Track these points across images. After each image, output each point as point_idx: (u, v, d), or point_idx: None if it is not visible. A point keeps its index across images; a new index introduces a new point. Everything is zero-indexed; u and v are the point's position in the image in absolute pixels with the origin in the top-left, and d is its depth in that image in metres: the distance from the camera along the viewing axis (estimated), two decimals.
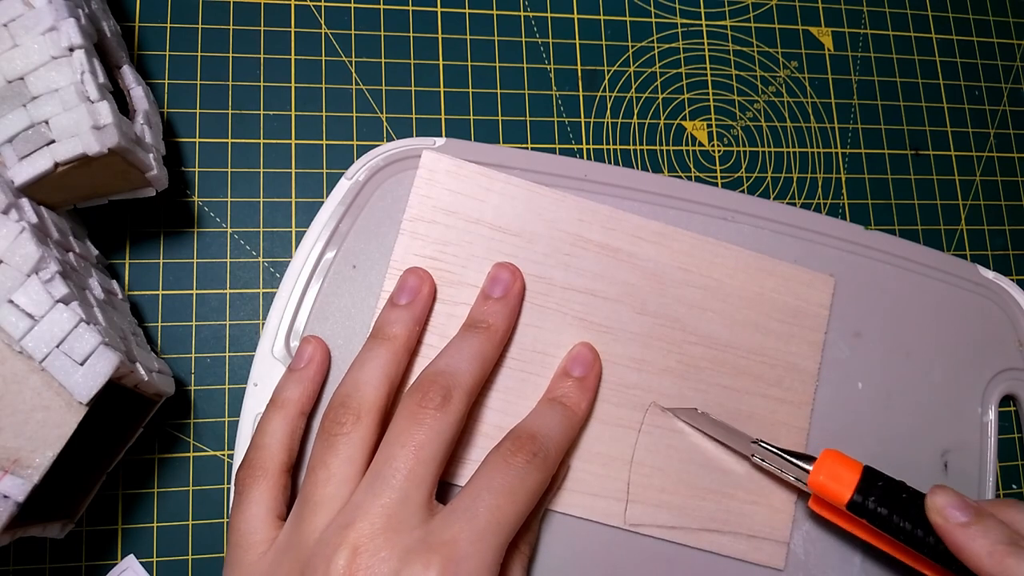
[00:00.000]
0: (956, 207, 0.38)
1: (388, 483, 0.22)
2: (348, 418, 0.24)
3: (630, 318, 0.30)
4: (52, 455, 0.22)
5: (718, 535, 0.30)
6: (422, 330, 0.28)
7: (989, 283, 0.35)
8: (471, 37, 0.35)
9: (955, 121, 0.39)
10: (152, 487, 0.29)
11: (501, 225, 0.30)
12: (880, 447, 0.32)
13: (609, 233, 0.31)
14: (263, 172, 0.32)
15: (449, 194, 0.30)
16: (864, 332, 0.33)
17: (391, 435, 0.24)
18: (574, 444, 0.29)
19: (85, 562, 0.28)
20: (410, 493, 0.22)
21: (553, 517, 0.29)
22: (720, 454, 0.30)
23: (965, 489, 0.33)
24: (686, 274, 0.31)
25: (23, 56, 0.23)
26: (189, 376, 0.30)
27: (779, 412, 0.31)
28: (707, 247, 0.31)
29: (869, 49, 0.38)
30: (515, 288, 0.28)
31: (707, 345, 0.31)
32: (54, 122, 0.23)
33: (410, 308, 0.27)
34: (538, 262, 0.30)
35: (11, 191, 0.23)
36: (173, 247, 0.31)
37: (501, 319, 0.28)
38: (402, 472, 0.22)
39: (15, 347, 0.22)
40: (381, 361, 0.26)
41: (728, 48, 0.37)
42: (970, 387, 0.33)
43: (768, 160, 0.36)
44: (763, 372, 0.31)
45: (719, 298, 0.31)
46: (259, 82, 0.32)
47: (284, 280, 0.30)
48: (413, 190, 0.30)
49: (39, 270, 0.23)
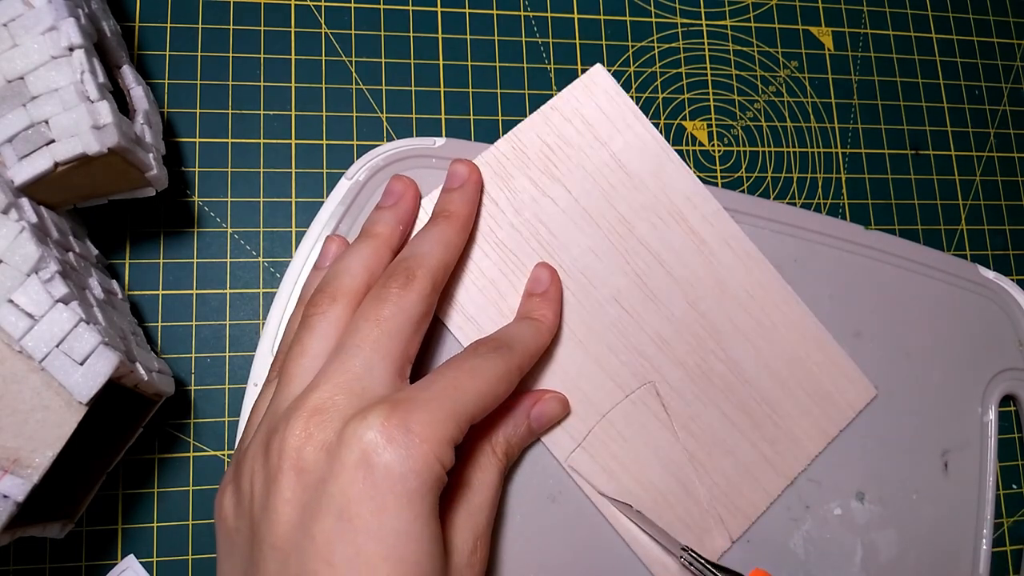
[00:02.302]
0: (956, 207, 0.38)
1: (352, 352, 0.23)
2: (324, 300, 0.25)
3: (678, 302, 0.31)
4: (52, 455, 0.22)
5: (637, 529, 0.29)
6: (407, 231, 0.29)
7: (989, 283, 0.35)
8: (471, 37, 0.35)
9: (955, 121, 0.39)
10: (152, 487, 0.29)
11: (621, 159, 0.31)
12: (880, 447, 0.32)
13: (705, 224, 0.31)
14: (263, 172, 0.32)
15: (595, 109, 0.31)
16: (864, 332, 0.33)
17: (358, 313, 0.24)
18: (563, 368, 0.29)
19: (85, 562, 0.28)
20: (374, 363, 0.23)
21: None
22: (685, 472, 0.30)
23: (965, 489, 0.33)
24: (749, 299, 0.31)
25: (23, 56, 0.23)
26: (189, 376, 0.30)
27: (758, 467, 0.30)
28: (780, 290, 0.31)
29: (869, 49, 0.38)
30: (472, 179, 0.29)
31: (730, 368, 0.31)
32: (54, 122, 0.23)
33: (394, 209, 0.28)
34: (632, 208, 0.31)
35: (11, 191, 0.23)
36: (173, 247, 0.31)
37: (461, 206, 0.28)
38: (367, 342, 0.23)
39: (15, 347, 0.22)
40: (362, 254, 0.26)
41: (728, 48, 0.37)
42: (970, 387, 0.33)
43: (768, 160, 0.36)
44: (765, 425, 0.31)
45: (765, 338, 0.31)
46: (259, 82, 0.32)
47: (284, 280, 0.30)
48: (568, 87, 0.31)
49: (39, 270, 0.23)
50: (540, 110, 0.31)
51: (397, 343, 0.23)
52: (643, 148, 0.31)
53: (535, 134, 0.30)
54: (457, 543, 0.24)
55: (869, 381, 0.32)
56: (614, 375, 0.30)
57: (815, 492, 0.31)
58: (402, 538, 0.20)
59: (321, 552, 0.20)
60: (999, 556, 0.34)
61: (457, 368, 0.24)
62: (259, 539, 0.21)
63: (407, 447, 0.20)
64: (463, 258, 0.29)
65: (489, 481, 0.26)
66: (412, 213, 0.29)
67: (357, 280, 0.25)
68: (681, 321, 0.31)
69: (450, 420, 0.22)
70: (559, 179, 0.30)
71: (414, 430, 0.21)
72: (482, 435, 0.27)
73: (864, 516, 0.31)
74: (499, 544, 0.28)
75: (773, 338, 0.31)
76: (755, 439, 0.30)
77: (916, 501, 0.32)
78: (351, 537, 0.20)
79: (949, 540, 0.32)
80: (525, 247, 0.30)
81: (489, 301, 0.29)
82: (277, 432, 0.22)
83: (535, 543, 0.29)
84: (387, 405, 0.21)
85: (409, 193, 0.29)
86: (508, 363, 0.25)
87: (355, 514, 0.20)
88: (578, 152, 0.31)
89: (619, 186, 0.31)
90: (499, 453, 0.26)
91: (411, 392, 0.22)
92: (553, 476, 0.29)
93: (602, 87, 0.31)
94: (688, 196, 0.31)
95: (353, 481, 0.20)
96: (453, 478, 0.25)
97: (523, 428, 0.28)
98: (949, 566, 0.32)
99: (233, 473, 0.23)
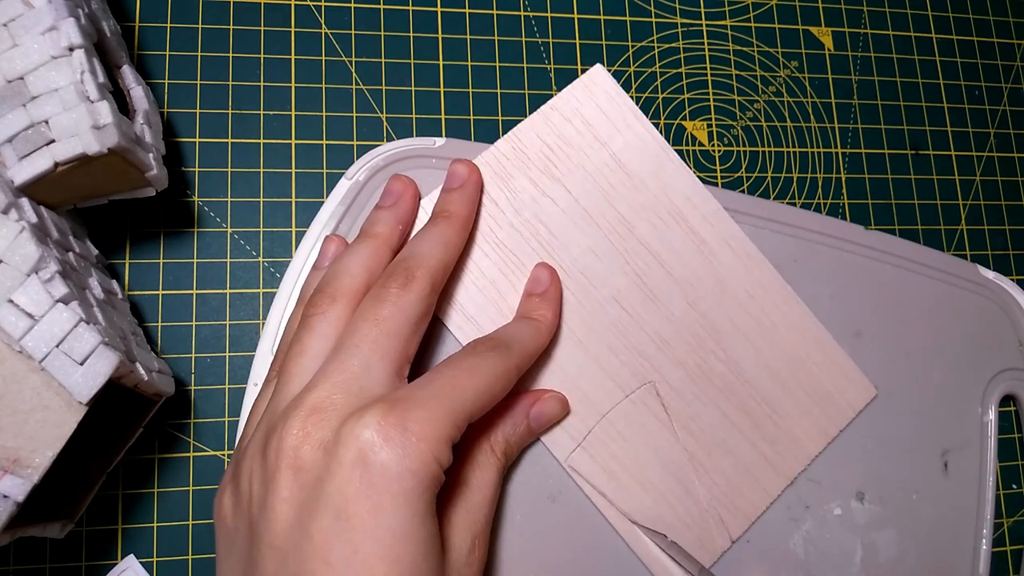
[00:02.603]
0: (956, 207, 0.38)
1: (350, 352, 0.23)
2: (324, 300, 0.25)
3: (678, 302, 0.31)
4: (52, 455, 0.22)
5: (636, 530, 0.29)
6: (406, 231, 0.28)
7: (989, 283, 0.35)
8: (471, 37, 0.35)
9: (955, 121, 0.39)
10: (152, 487, 0.29)
11: (621, 159, 0.31)
12: (880, 447, 0.32)
13: (705, 224, 0.31)
14: (263, 172, 0.32)
15: (595, 109, 0.31)
16: (864, 332, 0.33)
17: (357, 313, 0.24)
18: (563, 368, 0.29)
19: (85, 562, 0.28)
20: (373, 362, 0.23)
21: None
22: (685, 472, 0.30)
23: (965, 489, 0.33)
24: (749, 299, 0.31)
25: (23, 56, 0.23)
26: (189, 376, 0.30)
27: (758, 467, 0.30)
28: (780, 290, 0.31)
29: (869, 49, 0.38)
30: (472, 179, 0.29)
31: (730, 368, 0.31)
32: (54, 122, 0.23)
33: (393, 209, 0.28)
34: (632, 208, 0.31)
35: (11, 191, 0.23)
36: (173, 247, 0.31)
37: (461, 206, 0.28)
38: (366, 342, 0.23)
39: (15, 347, 0.22)
40: (361, 254, 0.26)
41: (728, 48, 0.37)
42: (970, 387, 0.33)
43: (768, 160, 0.36)
44: (765, 425, 0.31)
45: (765, 338, 0.31)
46: (259, 82, 0.32)
47: (284, 280, 0.30)
48: (568, 87, 0.31)
49: (39, 270, 0.23)
50: (540, 110, 0.31)
51: (396, 343, 0.23)
52: (643, 148, 0.31)
53: (535, 134, 0.30)
54: (455, 542, 0.24)
55: (869, 381, 0.32)
56: (614, 375, 0.30)
57: (815, 492, 0.31)
58: (399, 537, 0.20)
59: (318, 551, 0.20)
60: (999, 556, 0.34)
61: (455, 367, 0.24)
62: (257, 538, 0.21)
63: (404, 446, 0.20)
64: (463, 258, 0.29)
65: (488, 480, 0.26)
66: (411, 213, 0.29)
67: (356, 280, 0.25)
68: (681, 321, 0.31)
69: (447, 419, 0.22)
70: (559, 179, 0.30)
71: (411, 429, 0.21)
72: (481, 434, 0.26)
73: (864, 516, 0.31)
74: (499, 544, 0.28)
75: (773, 338, 0.31)
76: (755, 439, 0.30)
77: (916, 501, 0.32)
78: (348, 536, 0.20)
79: (949, 540, 0.32)
80: (525, 247, 0.30)
81: (489, 301, 0.29)
82: (275, 431, 0.22)
83: (535, 543, 0.29)
84: (384, 404, 0.21)
85: (408, 193, 0.29)
86: (506, 362, 0.25)
87: (352, 513, 0.20)
88: (578, 152, 0.31)
89: (619, 186, 0.31)
90: (498, 452, 0.26)
91: (408, 391, 0.22)
92: (553, 476, 0.29)
93: (602, 87, 0.31)
94: (688, 196, 0.31)
95: (350, 480, 0.20)
96: (451, 477, 0.25)
97: (522, 427, 0.28)
98: (949, 566, 0.32)
99: (232, 473, 0.23)
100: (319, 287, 0.26)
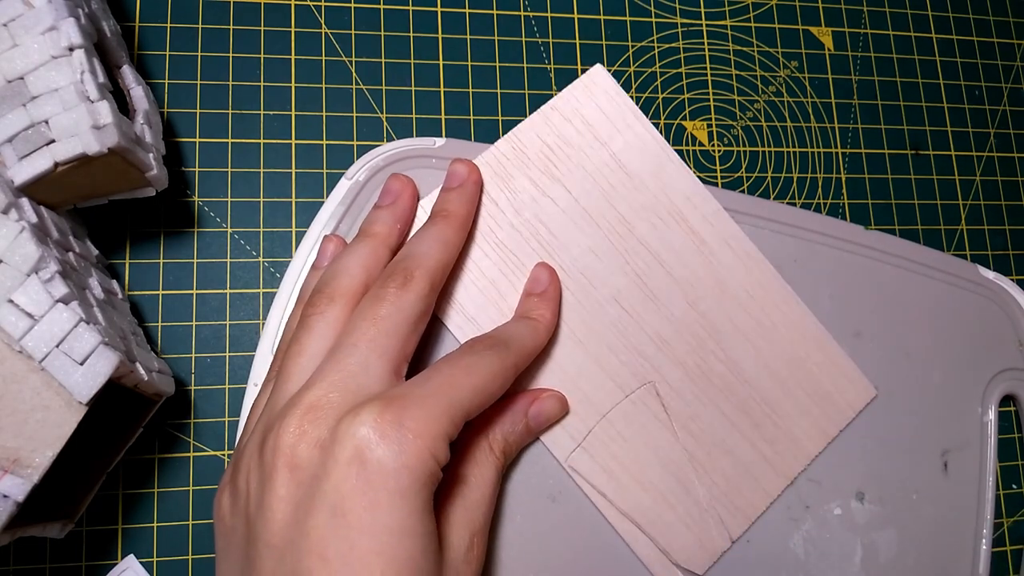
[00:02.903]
0: (956, 207, 0.38)
1: (348, 351, 0.23)
2: (322, 300, 0.25)
3: (678, 302, 0.31)
4: (52, 455, 0.22)
5: (637, 530, 0.29)
6: (405, 230, 0.28)
7: (989, 283, 0.35)
8: (471, 37, 0.35)
9: (955, 121, 0.39)
10: (152, 487, 0.29)
11: (621, 159, 0.31)
12: (880, 447, 0.32)
13: (705, 224, 0.31)
14: (263, 172, 0.32)
15: (595, 109, 0.31)
16: (864, 332, 0.33)
17: (355, 312, 0.24)
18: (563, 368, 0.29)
19: (85, 562, 0.28)
20: (371, 361, 0.23)
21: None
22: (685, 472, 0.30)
23: (965, 489, 0.33)
24: (749, 299, 0.31)
25: (23, 56, 0.23)
26: (189, 376, 0.30)
27: (758, 467, 0.30)
28: (780, 290, 0.31)
29: (869, 49, 0.38)
30: (471, 179, 0.29)
31: (729, 368, 0.31)
32: (54, 122, 0.23)
33: (391, 208, 0.28)
34: (632, 208, 0.31)
35: (11, 191, 0.23)
36: (173, 247, 0.31)
37: (460, 205, 0.28)
38: (363, 341, 0.23)
39: (15, 347, 0.22)
40: (360, 254, 0.26)
41: (728, 48, 0.37)
42: (970, 387, 0.33)
43: (768, 160, 0.36)
44: (764, 425, 0.31)
45: (765, 338, 0.31)
46: (259, 82, 0.32)
47: (284, 280, 0.30)
48: (568, 87, 0.31)
49: (39, 270, 0.23)
50: (540, 110, 0.31)
51: (394, 342, 0.23)
52: (643, 148, 0.31)
53: (535, 134, 0.30)
54: (453, 540, 0.24)
55: (869, 381, 0.32)
56: (614, 375, 0.30)
57: (815, 492, 0.31)
58: (396, 533, 0.20)
59: (315, 548, 0.20)
60: (999, 556, 0.34)
61: (452, 365, 0.24)
62: (255, 537, 0.21)
63: (400, 443, 0.20)
64: (463, 258, 0.29)
65: (486, 478, 0.26)
66: (410, 212, 0.29)
67: (355, 280, 0.25)
68: (681, 321, 0.31)
69: (444, 416, 0.22)
70: (559, 179, 0.30)
71: (407, 426, 0.21)
72: (479, 433, 0.27)
73: (864, 516, 0.31)
74: (499, 544, 0.28)
75: (773, 338, 0.31)
76: (755, 439, 0.30)
77: (916, 501, 0.32)
78: (345, 533, 0.20)
79: (949, 540, 0.32)
80: (525, 247, 0.30)
81: (489, 301, 0.29)
82: (272, 430, 0.22)
83: (535, 543, 0.29)
84: (381, 401, 0.21)
85: (407, 192, 0.29)
86: (504, 361, 0.25)
87: (348, 510, 0.20)
88: (578, 152, 0.31)
89: (619, 186, 0.31)
90: (497, 451, 0.26)
91: (405, 388, 0.22)
92: (553, 476, 0.29)
93: (602, 87, 0.31)
94: (688, 196, 0.31)
95: (346, 477, 0.20)
96: (449, 474, 0.25)
97: (521, 426, 0.28)
98: (949, 566, 0.32)
99: (231, 472, 0.23)
100: (317, 287, 0.26)
